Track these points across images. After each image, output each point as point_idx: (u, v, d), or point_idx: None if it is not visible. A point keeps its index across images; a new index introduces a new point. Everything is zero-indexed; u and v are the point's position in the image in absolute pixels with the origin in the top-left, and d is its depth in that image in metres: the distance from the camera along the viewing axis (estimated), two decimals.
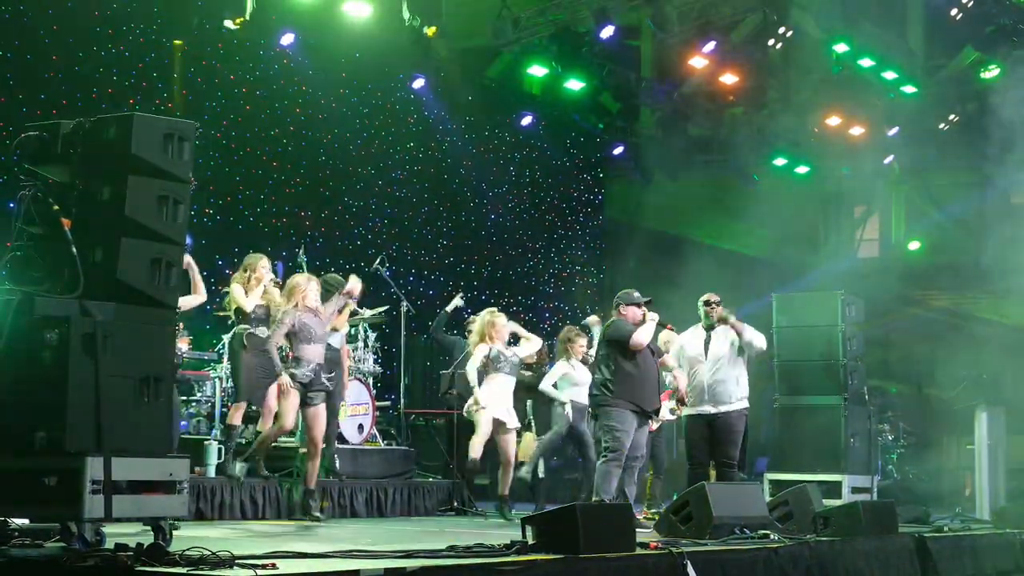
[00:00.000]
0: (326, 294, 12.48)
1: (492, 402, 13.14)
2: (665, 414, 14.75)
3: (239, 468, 11.67)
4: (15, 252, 7.71)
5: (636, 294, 12.11)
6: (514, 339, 13.83)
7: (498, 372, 13.19)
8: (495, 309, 13.83)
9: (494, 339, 13.28)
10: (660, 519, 10.97)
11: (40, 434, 7.18)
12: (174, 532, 7.82)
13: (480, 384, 13.17)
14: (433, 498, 14.44)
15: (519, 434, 13.99)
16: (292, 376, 11.50)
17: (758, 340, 12.51)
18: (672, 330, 12.49)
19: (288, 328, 11.59)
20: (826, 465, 14.34)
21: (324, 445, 13.47)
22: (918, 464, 20.03)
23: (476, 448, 13.16)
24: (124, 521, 7.77)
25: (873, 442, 15.32)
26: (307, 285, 11.85)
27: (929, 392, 22.26)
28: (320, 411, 11.78)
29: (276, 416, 11.88)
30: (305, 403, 11.64)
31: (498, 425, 13.17)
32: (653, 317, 11.95)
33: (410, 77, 19.88)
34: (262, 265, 12.64)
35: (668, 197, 26.42)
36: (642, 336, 11.77)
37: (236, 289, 12.59)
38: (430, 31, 18.46)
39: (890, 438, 20.54)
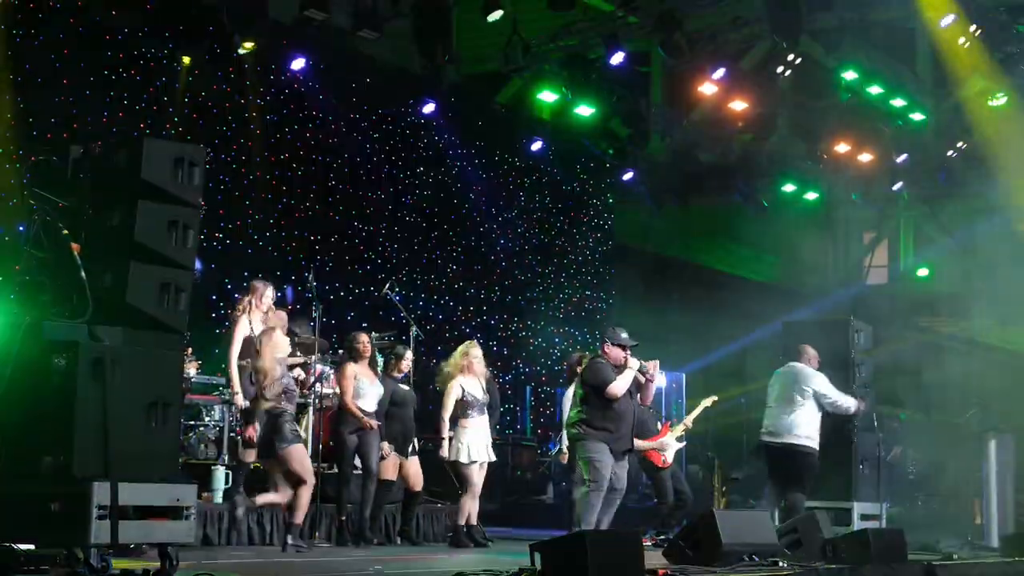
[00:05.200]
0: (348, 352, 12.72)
1: (475, 448, 13.01)
2: (675, 443, 14.76)
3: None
4: (24, 276, 7.72)
5: (624, 335, 11.78)
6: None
7: (470, 415, 13.05)
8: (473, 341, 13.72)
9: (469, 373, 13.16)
10: (669, 545, 10.96)
11: (47, 459, 7.18)
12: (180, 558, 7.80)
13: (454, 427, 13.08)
14: (441, 524, 14.40)
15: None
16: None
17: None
18: (651, 380, 11.98)
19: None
20: (835, 492, 14.29)
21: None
22: (927, 491, 19.96)
23: (469, 507, 13.07)
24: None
25: (882, 469, 15.28)
26: (272, 340, 11.31)
27: (938, 419, 22.21)
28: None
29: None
30: None
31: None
32: (633, 365, 11.61)
33: (420, 102, 19.89)
34: (260, 292, 12.44)
35: (677, 223, 26.44)
36: (618, 387, 11.49)
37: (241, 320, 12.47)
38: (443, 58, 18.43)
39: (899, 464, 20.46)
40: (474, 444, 12.99)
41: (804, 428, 13.17)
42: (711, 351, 26.87)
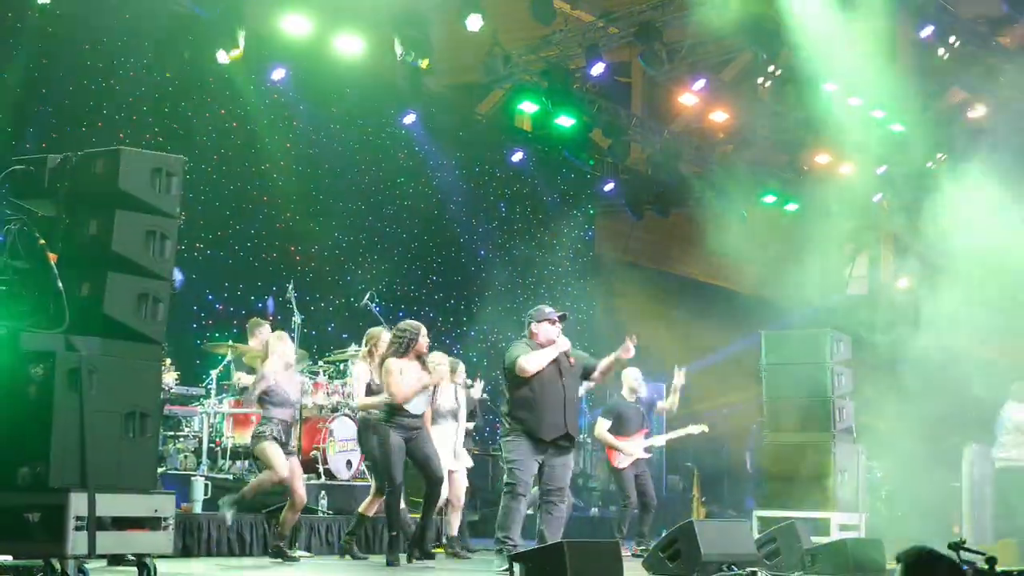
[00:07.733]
0: (398, 344, 11.61)
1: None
2: (640, 452, 14.73)
3: (230, 514, 11.48)
4: (1, 287, 7.69)
5: (548, 309, 10.59)
6: None
7: (437, 423, 12.67)
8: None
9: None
10: (648, 556, 10.95)
11: (24, 470, 7.16)
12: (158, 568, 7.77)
13: None
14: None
15: None
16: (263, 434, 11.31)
17: None
18: (572, 365, 10.59)
19: (266, 387, 11.36)
20: (814, 502, 14.31)
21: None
22: (906, 501, 19.97)
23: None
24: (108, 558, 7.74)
25: (861, 479, 15.30)
26: (281, 346, 11.50)
27: (918, 429, 22.28)
28: (295, 464, 11.50)
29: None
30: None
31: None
32: (562, 346, 10.45)
33: (401, 112, 19.89)
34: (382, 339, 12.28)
35: (658, 234, 26.48)
36: (529, 363, 10.25)
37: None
38: (423, 63, 18.34)
39: (878, 475, 20.48)
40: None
41: None
42: (692, 362, 26.89)
